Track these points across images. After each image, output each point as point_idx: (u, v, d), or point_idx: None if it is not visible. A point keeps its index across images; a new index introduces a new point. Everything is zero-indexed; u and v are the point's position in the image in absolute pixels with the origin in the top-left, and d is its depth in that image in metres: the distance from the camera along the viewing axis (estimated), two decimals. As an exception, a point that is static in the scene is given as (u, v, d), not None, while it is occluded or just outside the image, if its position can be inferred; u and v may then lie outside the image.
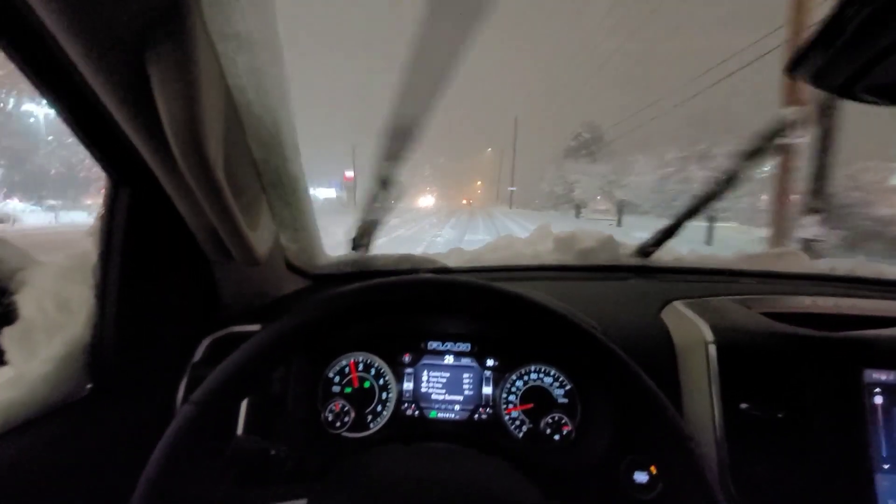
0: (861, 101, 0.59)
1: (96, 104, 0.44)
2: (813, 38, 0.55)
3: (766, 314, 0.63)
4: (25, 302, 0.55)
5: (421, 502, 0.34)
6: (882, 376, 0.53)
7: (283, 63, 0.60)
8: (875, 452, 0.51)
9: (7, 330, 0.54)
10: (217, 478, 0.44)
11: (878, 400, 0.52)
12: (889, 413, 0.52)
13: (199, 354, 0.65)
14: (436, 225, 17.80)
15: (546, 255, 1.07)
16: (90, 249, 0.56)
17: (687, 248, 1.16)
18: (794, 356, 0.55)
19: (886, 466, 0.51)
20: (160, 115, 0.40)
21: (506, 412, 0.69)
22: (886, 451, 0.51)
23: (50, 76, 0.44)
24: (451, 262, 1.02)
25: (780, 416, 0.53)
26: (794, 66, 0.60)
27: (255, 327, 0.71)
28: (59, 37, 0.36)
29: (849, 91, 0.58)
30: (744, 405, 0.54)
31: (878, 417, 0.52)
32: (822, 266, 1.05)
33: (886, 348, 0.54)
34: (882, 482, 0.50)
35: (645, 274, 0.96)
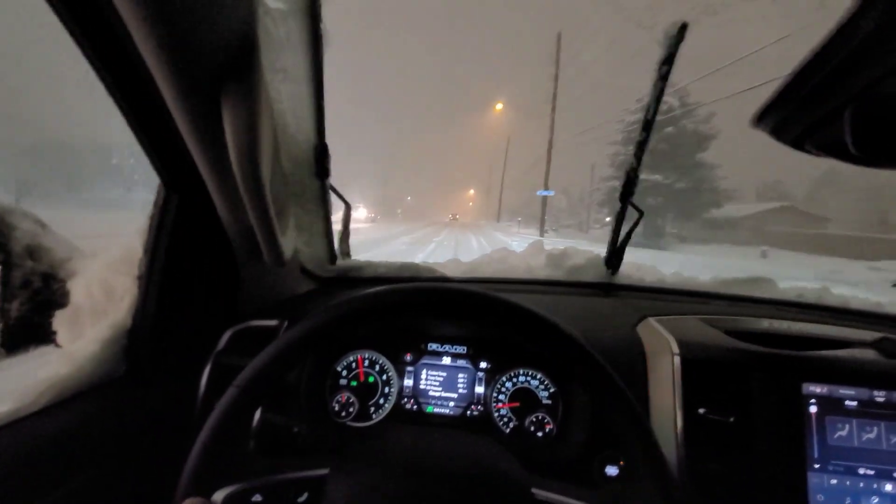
0: (809, 153, 0.70)
1: (165, 122, 0.51)
2: (774, 96, 0.65)
3: (727, 332, 0.72)
4: (76, 288, 0.62)
5: (426, 468, 0.42)
6: (817, 389, 0.62)
7: (322, 94, 0.69)
8: (808, 453, 0.60)
9: (59, 313, 0.61)
10: (242, 445, 0.51)
11: (813, 409, 0.61)
12: (822, 421, 0.61)
13: (221, 344, 0.72)
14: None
15: (538, 269, 1.15)
16: (137, 245, 0.63)
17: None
18: (746, 369, 0.64)
19: (817, 466, 0.59)
20: (226, 138, 0.47)
21: (495, 408, 0.77)
22: (818, 453, 0.60)
23: (132, 99, 0.51)
24: (450, 272, 1.10)
25: (731, 420, 0.61)
26: (758, 119, 0.70)
27: (271, 322, 0.78)
28: (150, 64, 0.44)
29: (800, 144, 0.69)
30: (701, 410, 0.62)
31: (813, 424, 0.61)
32: (789, 293, 1.15)
33: (823, 366, 0.64)
34: (813, 479, 0.59)
35: (627, 292, 1.05)
